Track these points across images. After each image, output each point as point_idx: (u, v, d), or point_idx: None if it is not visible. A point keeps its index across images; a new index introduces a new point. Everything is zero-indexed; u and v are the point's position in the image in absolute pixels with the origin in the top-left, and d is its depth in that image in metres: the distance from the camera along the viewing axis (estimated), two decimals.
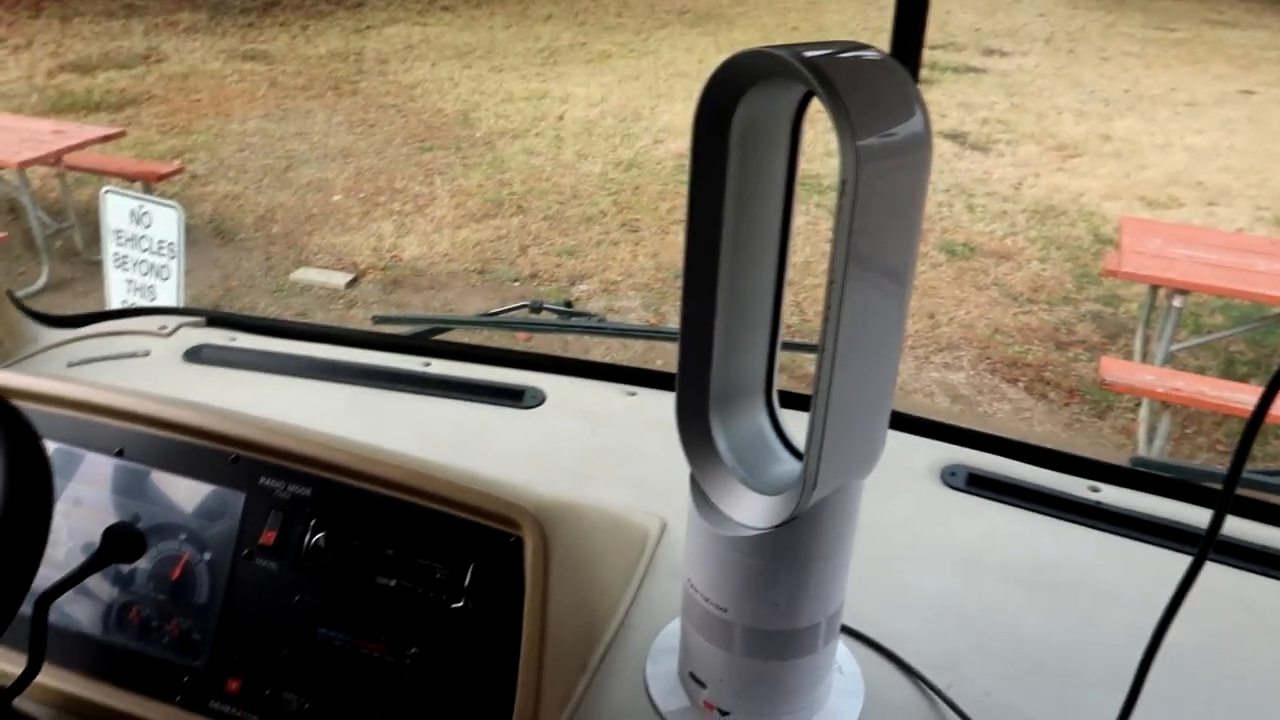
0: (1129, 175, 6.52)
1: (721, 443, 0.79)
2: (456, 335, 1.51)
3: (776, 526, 0.71)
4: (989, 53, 9.67)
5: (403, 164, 6.48)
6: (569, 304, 1.42)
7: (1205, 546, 0.63)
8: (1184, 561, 1.03)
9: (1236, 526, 1.08)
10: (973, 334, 4.54)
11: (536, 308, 1.40)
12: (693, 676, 0.82)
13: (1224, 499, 0.61)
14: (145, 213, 2.72)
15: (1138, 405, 3.82)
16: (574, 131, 7.18)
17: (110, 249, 2.69)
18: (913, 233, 0.65)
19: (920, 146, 0.63)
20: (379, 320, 1.44)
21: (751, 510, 0.73)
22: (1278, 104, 8.03)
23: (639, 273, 5.10)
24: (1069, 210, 5.88)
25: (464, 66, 8.85)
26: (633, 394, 1.32)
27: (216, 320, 1.46)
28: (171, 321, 1.42)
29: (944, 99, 7.84)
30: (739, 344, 0.79)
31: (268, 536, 0.88)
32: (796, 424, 0.95)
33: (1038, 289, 4.94)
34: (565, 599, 0.85)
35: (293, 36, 9.72)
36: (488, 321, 1.42)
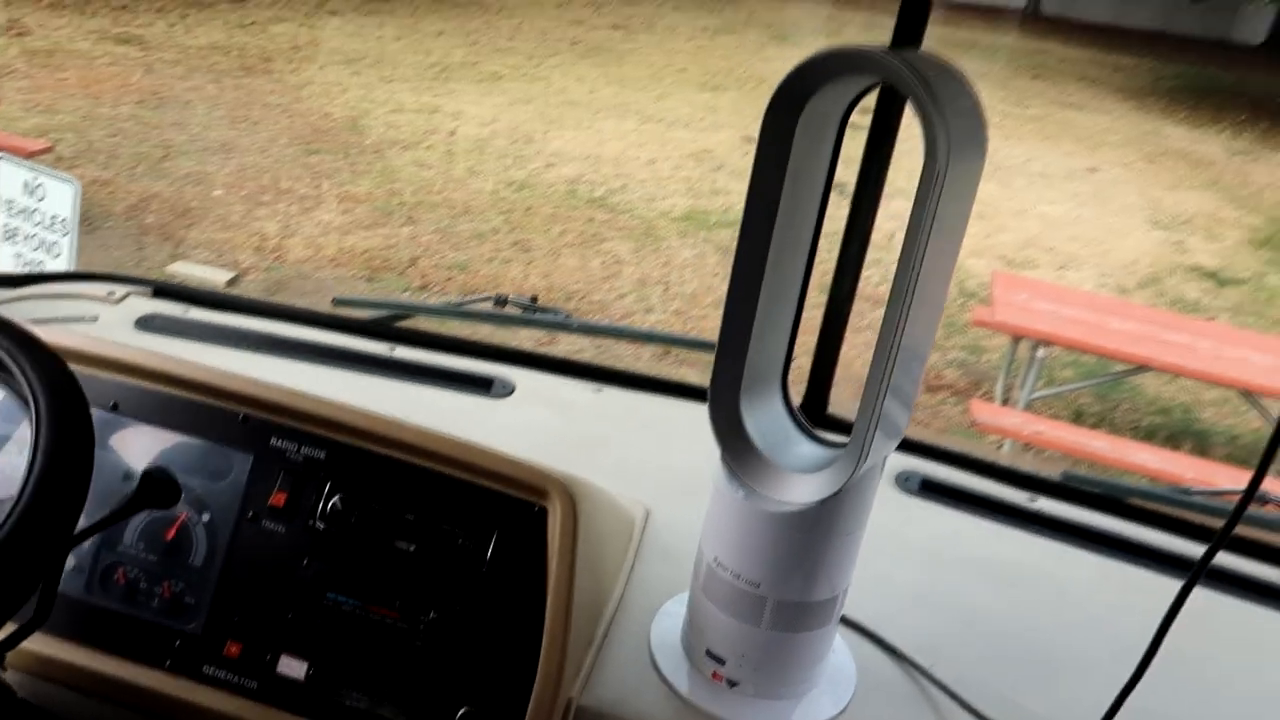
0: (990, 236, 6.97)
1: (750, 425, 0.84)
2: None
3: (823, 501, 0.75)
4: (865, 111, 10.15)
5: (288, 164, 6.28)
6: (534, 299, 1.44)
7: (1199, 570, 0.66)
8: (1117, 567, 1.14)
9: (1174, 543, 1.19)
10: (850, 373, 4.73)
11: (501, 301, 1.41)
12: (710, 654, 0.85)
13: (1227, 528, 0.66)
14: (39, 184, 2.56)
15: (1000, 446, 4.08)
16: (465, 148, 7.14)
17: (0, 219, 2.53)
18: (963, 229, 0.72)
19: (983, 148, 0.69)
20: (338, 302, 1.42)
21: (799, 486, 0.77)
22: (1118, 183, 8.76)
23: (531, 292, 5.10)
24: None
25: (353, 73, 8.67)
26: (599, 390, 1.35)
27: (164, 291, 1.41)
28: (119, 289, 1.36)
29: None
30: (770, 329, 0.84)
31: (278, 498, 0.87)
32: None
33: None
34: (580, 573, 0.87)
35: (170, 24, 9.31)
36: (451, 311, 1.42)
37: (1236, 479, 3.50)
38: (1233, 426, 4.77)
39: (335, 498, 0.86)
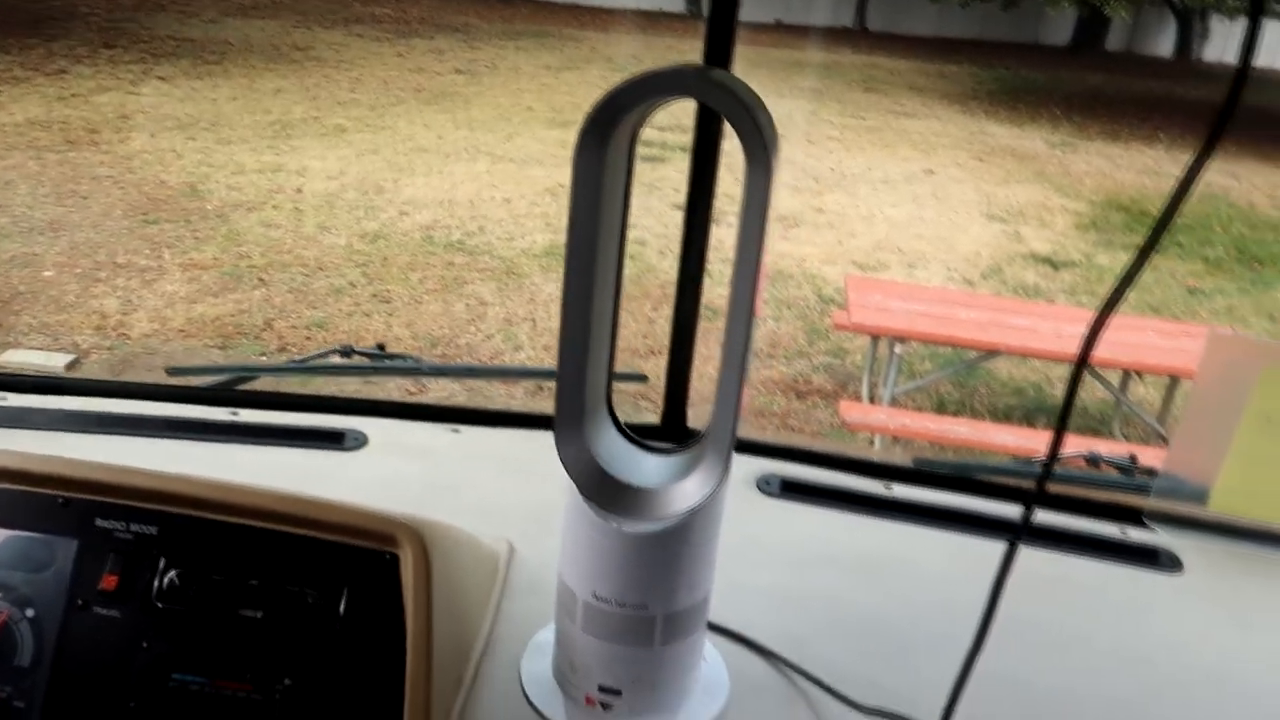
0: (841, 243, 7.23)
1: (598, 453, 0.83)
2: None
3: (695, 507, 0.76)
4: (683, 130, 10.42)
5: (125, 237, 6.00)
6: (381, 347, 1.41)
7: (1020, 532, 0.70)
8: (972, 542, 1.19)
9: (1006, 510, 1.25)
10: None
11: (347, 352, 1.38)
12: (604, 689, 0.84)
13: (1036, 494, 0.70)
14: None
15: (871, 443, 4.21)
16: (314, 204, 6.97)
17: None
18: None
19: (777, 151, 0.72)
20: (173, 372, 1.36)
21: (669, 500, 0.78)
22: (954, 182, 9.24)
23: (395, 343, 5.00)
24: (795, 274, 6.42)
25: (187, 138, 8.37)
26: (456, 431, 1.33)
27: None
28: None
29: (675, 175, 8.35)
30: (595, 359, 0.84)
31: (108, 581, 0.82)
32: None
33: (775, 345, 5.34)
34: (439, 616, 0.85)
35: None
36: (295, 368, 1.37)
37: (1085, 446, 3.72)
38: (1081, 399, 5.07)
39: (171, 573, 0.82)
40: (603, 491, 0.80)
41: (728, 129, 0.74)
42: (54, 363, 4.44)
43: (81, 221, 6.19)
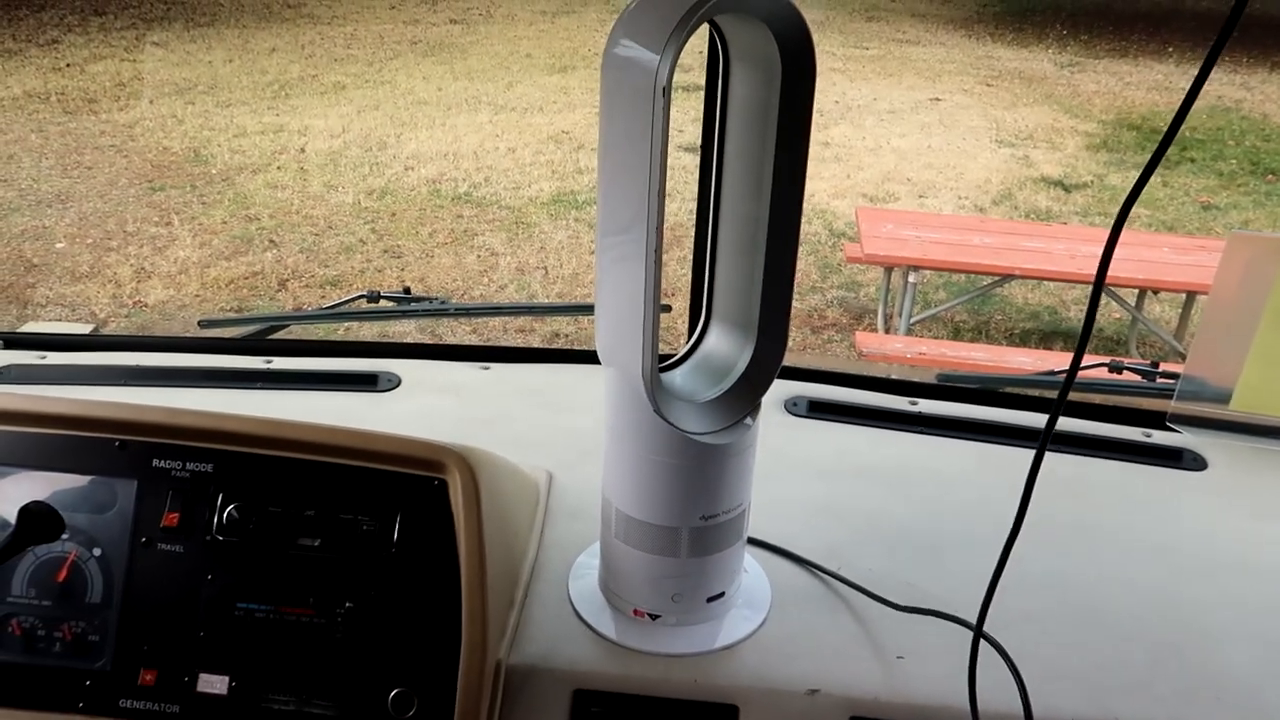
0: (849, 176, 7.17)
1: (678, 387, 0.85)
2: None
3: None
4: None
5: (132, 205, 6.01)
6: (407, 290, 1.43)
7: (1044, 440, 0.70)
8: (996, 451, 1.21)
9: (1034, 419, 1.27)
10: None
11: (374, 297, 1.40)
12: (711, 599, 0.89)
13: (1058, 403, 0.71)
14: None
15: (889, 373, 4.22)
16: (319, 163, 6.95)
17: None
18: None
19: None
20: (205, 324, 1.38)
21: (747, 391, 0.83)
22: (962, 109, 9.11)
23: None
24: (804, 210, 6.38)
25: (186, 103, 8.32)
26: (486, 369, 1.35)
27: (15, 342, 1.34)
28: None
29: (679, 115, 8.26)
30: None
31: (170, 519, 0.85)
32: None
33: None
34: (489, 538, 0.88)
35: None
36: (324, 315, 1.39)
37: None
38: (1097, 320, 5.06)
39: (230, 508, 0.85)
40: (693, 417, 0.81)
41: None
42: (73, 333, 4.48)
43: (88, 192, 6.20)
